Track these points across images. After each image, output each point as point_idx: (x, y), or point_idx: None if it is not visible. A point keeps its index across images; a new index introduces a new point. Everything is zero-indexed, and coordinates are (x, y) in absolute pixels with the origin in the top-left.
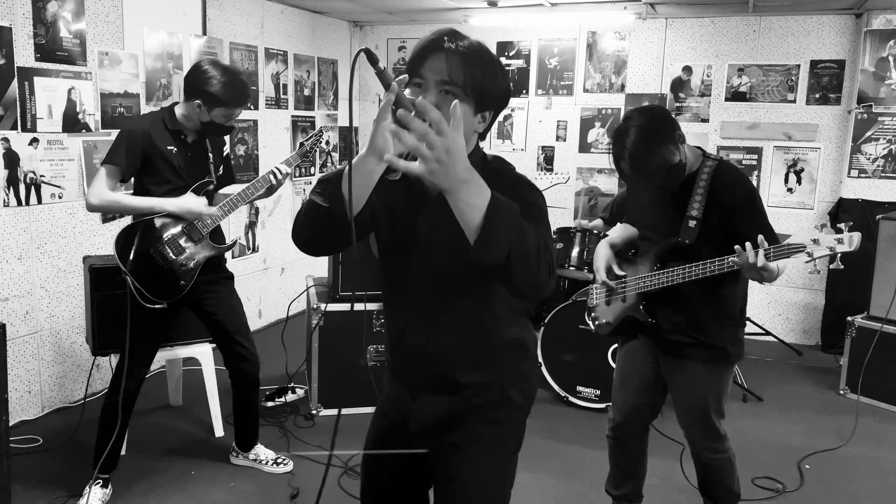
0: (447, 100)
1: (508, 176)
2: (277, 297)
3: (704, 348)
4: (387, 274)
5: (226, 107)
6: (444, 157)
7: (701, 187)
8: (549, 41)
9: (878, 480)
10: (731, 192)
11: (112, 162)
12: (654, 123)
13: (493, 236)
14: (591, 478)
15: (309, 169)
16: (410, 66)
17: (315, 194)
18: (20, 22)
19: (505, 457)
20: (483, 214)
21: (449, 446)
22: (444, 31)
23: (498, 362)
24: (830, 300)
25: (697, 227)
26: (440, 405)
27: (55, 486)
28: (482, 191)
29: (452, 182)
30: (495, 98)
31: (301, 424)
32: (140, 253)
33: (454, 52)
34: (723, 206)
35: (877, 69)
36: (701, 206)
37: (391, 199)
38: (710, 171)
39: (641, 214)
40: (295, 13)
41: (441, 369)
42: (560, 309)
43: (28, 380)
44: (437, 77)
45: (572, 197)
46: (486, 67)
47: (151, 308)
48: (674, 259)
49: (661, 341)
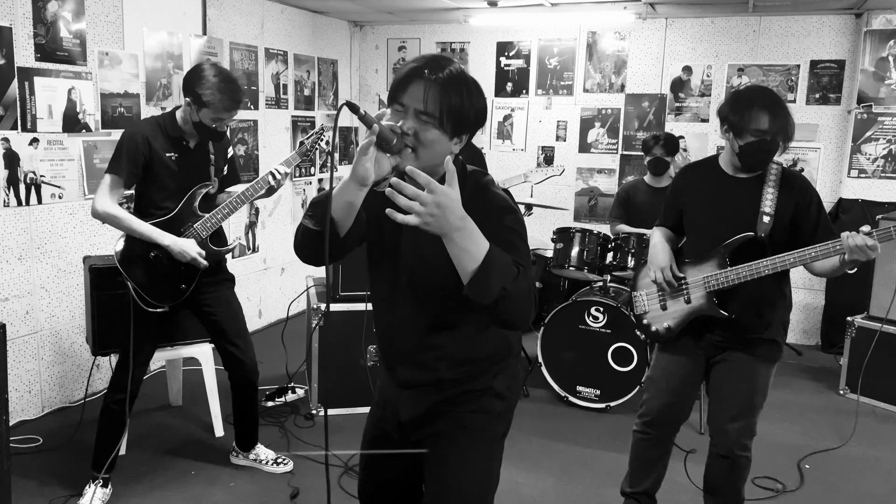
0: (425, 126)
1: (486, 197)
2: (277, 297)
3: (767, 344)
4: (375, 279)
5: (211, 110)
6: (435, 211)
7: (771, 186)
8: (549, 41)
9: (878, 480)
10: (803, 192)
11: (114, 172)
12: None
13: (486, 283)
14: (591, 478)
15: (309, 169)
16: (393, 91)
17: (307, 218)
18: (20, 22)
19: (490, 442)
20: (477, 265)
21: (435, 435)
22: (426, 61)
23: (482, 359)
24: (830, 300)
25: (771, 222)
26: (427, 398)
27: (55, 486)
28: (476, 238)
29: (447, 230)
30: (472, 121)
31: (301, 424)
32: (141, 257)
33: (432, 82)
34: (791, 203)
35: (877, 69)
36: (773, 203)
37: (379, 209)
38: (777, 170)
39: (702, 212)
40: (295, 13)
41: (427, 368)
42: (560, 309)
43: (28, 380)
44: (416, 106)
45: (573, 197)
46: (463, 94)
47: (154, 312)
48: (741, 255)
49: (728, 337)
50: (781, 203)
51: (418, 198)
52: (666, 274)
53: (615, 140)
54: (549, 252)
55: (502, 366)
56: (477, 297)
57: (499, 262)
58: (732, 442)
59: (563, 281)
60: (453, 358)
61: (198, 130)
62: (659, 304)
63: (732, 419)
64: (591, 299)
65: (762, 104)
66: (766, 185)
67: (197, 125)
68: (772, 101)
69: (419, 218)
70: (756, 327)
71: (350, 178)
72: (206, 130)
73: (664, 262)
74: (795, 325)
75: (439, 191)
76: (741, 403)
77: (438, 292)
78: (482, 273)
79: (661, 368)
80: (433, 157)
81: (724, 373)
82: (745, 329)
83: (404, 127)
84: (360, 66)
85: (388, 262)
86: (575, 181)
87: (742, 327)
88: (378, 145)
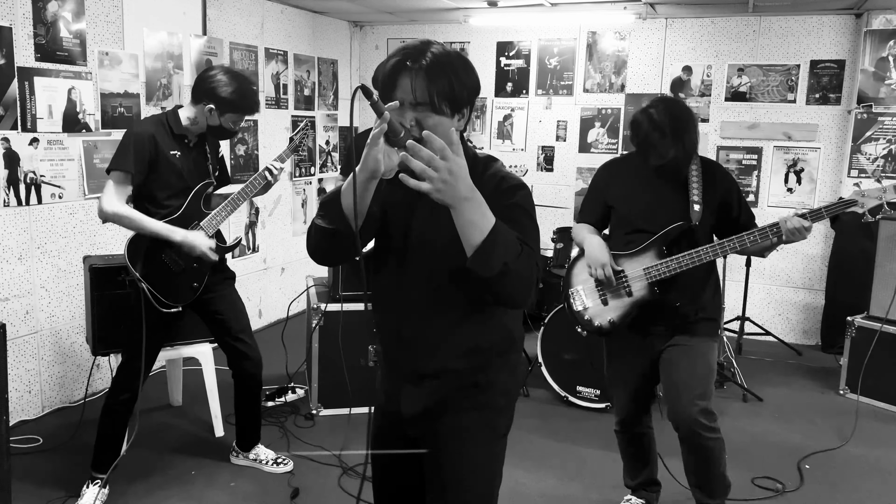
0: (423, 114)
1: (500, 173)
2: (277, 297)
3: (708, 322)
4: (382, 269)
5: (239, 112)
6: (447, 178)
7: (695, 175)
8: (549, 41)
9: (878, 480)
10: (725, 180)
11: (121, 168)
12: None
13: (489, 257)
14: (591, 478)
15: (309, 169)
16: (384, 91)
17: (319, 218)
18: (20, 22)
19: (492, 440)
20: (483, 238)
21: (437, 434)
22: (406, 52)
23: (485, 351)
24: (830, 300)
25: (701, 210)
26: (428, 391)
27: (55, 486)
28: (483, 211)
29: (456, 199)
30: (468, 97)
31: (301, 424)
32: (152, 259)
33: (417, 70)
34: (716, 191)
35: (877, 69)
36: (700, 192)
37: (386, 198)
38: (697, 161)
39: (634, 205)
40: (295, 13)
41: (431, 359)
42: (560, 309)
43: (28, 380)
44: (408, 98)
45: (572, 197)
46: (450, 75)
47: (164, 312)
48: (676, 244)
49: (672, 324)
50: (707, 191)
51: (432, 162)
52: (607, 270)
53: (615, 140)
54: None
55: (505, 359)
56: (479, 269)
57: (504, 237)
58: (698, 427)
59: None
60: (457, 347)
61: (212, 133)
62: (599, 298)
63: (690, 404)
64: None
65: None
66: (691, 175)
67: (214, 128)
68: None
69: (432, 184)
70: (694, 310)
71: (360, 171)
72: (222, 132)
73: (604, 259)
74: (795, 325)
75: (452, 158)
76: (698, 384)
77: (445, 280)
78: (486, 246)
79: (614, 371)
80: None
81: (673, 357)
82: (685, 314)
83: (408, 121)
84: (360, 66)
85: (397, 248)
86: (575, 181)
87: (683, 313)
88: (386, 137)
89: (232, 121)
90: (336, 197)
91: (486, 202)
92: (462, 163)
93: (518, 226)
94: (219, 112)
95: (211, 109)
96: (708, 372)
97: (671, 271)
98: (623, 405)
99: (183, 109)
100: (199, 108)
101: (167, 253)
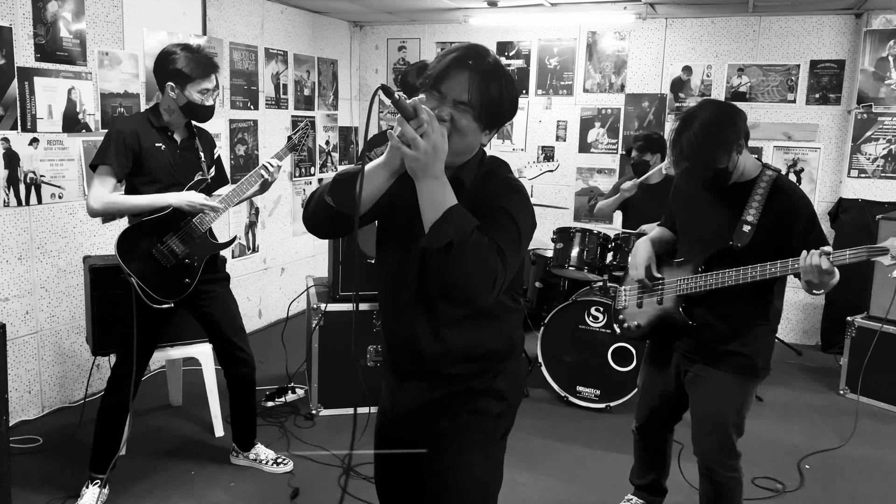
0: (462, 114)
1: (498, 176)
2: (277, 297)
3: (737, 357)
4: (385, 266)
5: (196, 80)
6: (430, 151)
7: (759, 195)
8: (549, 41)
9: (878, 480)
10: (790, 204)
11: (103, 162)
12: (719, 122)
13: (439, 233)
14: (591, 478)
15: (309, 169)
16: (434, 79)
17: (327, 194)
18: (20, 22)
19: (488, 444)
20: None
21: (434, 437)
22: (467, 51)
23: (483, 357)
24: (830, 300)
25: (751, 232)
26: (424, 391)
27: (55, 486)
28: (446, 192)
29: (426, 174)
30: (506, 114)
31: (301, 424)
32: (142, 254)
33: (476, 72)
34: (780, 215)
35: (877, 69)
36: (757, 213)
37: (393, 194)
38: (769, 180)
39: (689, 217)
40: (295, 13)
41: (429, 359)
42: (560, 309)
43: (28, 380)
44: (456, 96)
45: (573, 197)
46: (502, 85)
47: (156, 309)
48: (719, 263)
49: (694, 346)
50: (767, 214)
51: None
52: (640, 271)
53: (615, 140)
54: (549, 252)
55: (504, 365)
56: (427, 243)
57: (458, 218)
58: (713, 462)
59: (563, 281)
60: (455, 351)
61: (186, 113)
62: (636, 301)
63: (706, 436)
64: (591, 299)
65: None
66: (754, 194)
67: (185, 107)
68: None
69: (414, 151)
70: (722, 339)
71: (383, 166)
72: (194, 109)
73: (641, 261)
74: (795, 325)
75: (440, 133)
76: (715, 419)
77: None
78: (439, 223)
79: (643, 379)
80: (463, 145)
81: (693, 388)
82: (709, 340)
83: (442, 114)
84: (360, 66)
85: (401, 244)
86: (575, 181)
87: (706, 338)
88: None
89: (197, 91)
90: (352, 178)
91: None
92: (445, 147)
93: (496, 225)
94: (180, 87)
95: (172, 87)
96: (724, 410)
97: (697, 288)
98: (642, 413)
99: (160, 102)
100: (166, 94)
101: (158, 248)
